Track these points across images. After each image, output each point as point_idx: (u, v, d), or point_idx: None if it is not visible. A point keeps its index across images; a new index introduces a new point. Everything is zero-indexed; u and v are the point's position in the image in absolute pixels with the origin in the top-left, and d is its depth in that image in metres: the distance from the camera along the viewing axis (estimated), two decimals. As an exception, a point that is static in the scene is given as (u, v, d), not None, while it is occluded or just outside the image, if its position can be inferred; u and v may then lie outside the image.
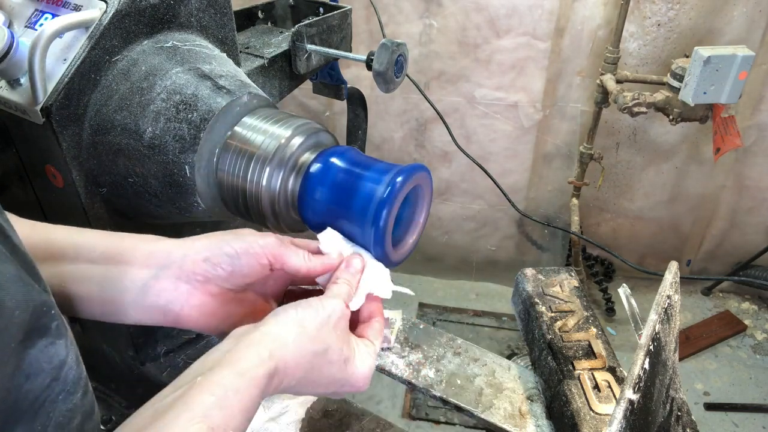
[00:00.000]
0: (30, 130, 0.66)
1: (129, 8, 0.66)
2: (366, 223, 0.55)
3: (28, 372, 0.38)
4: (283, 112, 0.66)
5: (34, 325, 0.38)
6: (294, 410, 0.72)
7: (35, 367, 0.38)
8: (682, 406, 0.69)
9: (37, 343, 0.38)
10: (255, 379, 0.44)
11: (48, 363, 0.39)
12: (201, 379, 0.42)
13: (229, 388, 0.42)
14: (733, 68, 1.60)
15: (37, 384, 0.39)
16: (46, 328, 0.40)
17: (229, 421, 0.42)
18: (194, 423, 0.40)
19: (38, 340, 0.39)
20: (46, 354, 0.39)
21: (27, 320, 0.38)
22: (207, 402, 0.41)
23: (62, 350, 0.41)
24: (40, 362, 0.39)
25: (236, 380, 0.43)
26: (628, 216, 2.43)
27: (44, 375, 0.39)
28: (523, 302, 0.88)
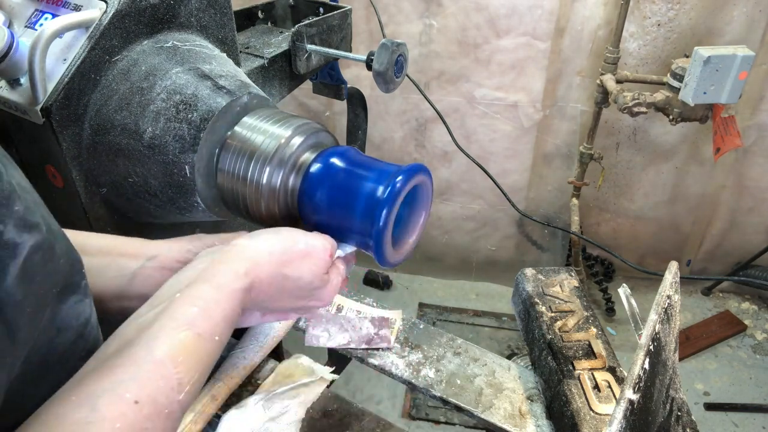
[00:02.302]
0: (30, 130, 0.66)
1: (129, 8, 0.66)
2: (366, 224, 0.55)
3: (59, 326, 0.41)
4: (283, 112, 0.66)
5: (70, 280, 0.41)
6: (294, 410, 0.72)
7: (66, 322, 0.41)
8: (682, 406, 0.69)
9: (69, 299, 0.41)
10: (233, 291, 0.48)
11: (76, 320, 0.42)
12: (180, 295, 0.45)
13: (210, 300, 0.46)
14: (733, 68, 1.60)
15: (66, 339, 0.41)
16: (77, 285, 0.42)
17: (214, 329, 0.45)
18: (181, 330, 0.43)
19: (70, 295, 0.41)
20: (75, 310, 0.42)
21: (68, 271, 0.41)
22: (190, 312, 0.44)
23: (88, 309, 0.44)
24: (70, 318, 0.42)
25: (215, 293, 0.47)
26: (628, 216, 2.43)
27: (72, 331, 0.42)
28: (523, 302, 0.88)
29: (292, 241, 0.54)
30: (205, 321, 0.44)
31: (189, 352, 0.42)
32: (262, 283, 0.51)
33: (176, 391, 0.40)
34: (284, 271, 0.53)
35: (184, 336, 0.42)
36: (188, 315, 0.44)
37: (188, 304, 0.45)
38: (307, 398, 0.74)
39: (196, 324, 0.44)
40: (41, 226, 0.37)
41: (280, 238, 0.54)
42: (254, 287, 0.50)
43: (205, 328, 0.44)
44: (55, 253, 0.39)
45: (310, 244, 0.55)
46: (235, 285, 0.48)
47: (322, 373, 0.77)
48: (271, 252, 0.52)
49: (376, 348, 0.83)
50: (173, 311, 0.44)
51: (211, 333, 0.45)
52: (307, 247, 0.55)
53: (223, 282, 0.48)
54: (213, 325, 0.45)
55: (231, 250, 0.51)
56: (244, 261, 0.50)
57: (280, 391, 0.74)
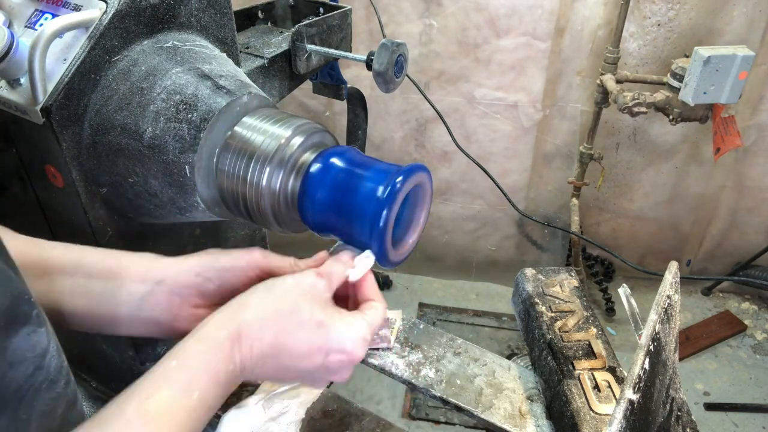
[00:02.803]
0: (30, 130, 0.66)
1: (129, 8, 0.66)
2: (366, 223, 0.55)
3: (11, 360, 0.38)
4: (283, 112, 0.66)
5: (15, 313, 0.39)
6: (294, 410, 0.72)
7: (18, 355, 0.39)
8: (682, 406, 0.69)
9: (19, 331, 0.39)
10: (216, 341, 0.44)
11: (31, 351, 0.40)
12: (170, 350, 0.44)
13: (190, 352, 0.43)
14: (733, 68, 1.60)
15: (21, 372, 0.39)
16: (27, 316, 0.40)
17: (193, 383, 0.42)
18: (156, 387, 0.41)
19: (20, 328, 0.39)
20: (29, 342, 0.40)
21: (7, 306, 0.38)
22: (169, 366, 0.42)
23: (44, 338, 0.41)
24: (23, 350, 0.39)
25: (197, 345, 0.44)
26: (628, 216, 2.43)
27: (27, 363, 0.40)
28: (523, 302, 0.88)
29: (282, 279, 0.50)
30: (182, 374, 0.42)
31: (161, 409, 0.40)
32: (251, 327, 0.46)
33: None
34: (276, 307, 0.48)
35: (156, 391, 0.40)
36: (166, 370, 0.42)
37: (170, 358, 0.43)
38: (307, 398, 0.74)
39: (171, 378, 0.41)
40: None
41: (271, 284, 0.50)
42: (243, 334, 0.45)
43: (180, 382, 0.41)
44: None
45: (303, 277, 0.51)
46: (218, 333, 0.44)
47: (322, 373, 0.77)
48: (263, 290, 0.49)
49: (376, 348, 0.83)
50: (154, 369, 0.42)
51: (188, 387, 0.41)
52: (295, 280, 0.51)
53: (205, 332, 0.45)
54: (190, 378, 0.42)
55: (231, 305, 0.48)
56: (231, 307, 0.47)
57: (280, 391, 0.74)
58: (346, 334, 0.50)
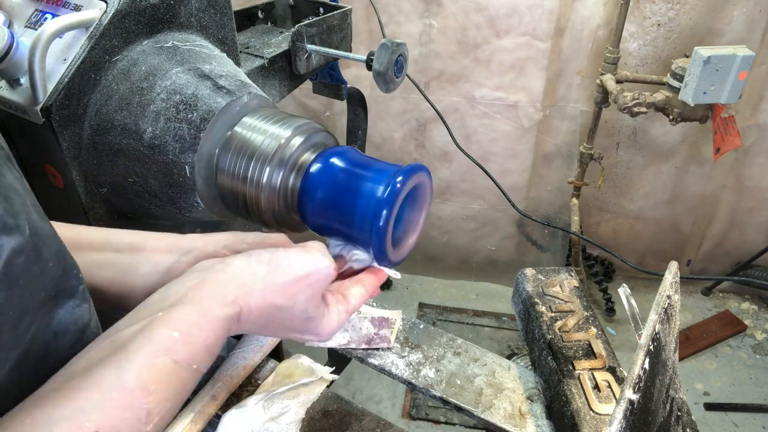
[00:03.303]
0: (30, 130, 0.66)
1: (129, 8, 0.66)
2: (366, 223, 0.55)
3: (56, 330, 0.40)
4: (283, 112, 0.66)
5: (64, 285, 0.40)
6: (294, 410, 0.72)
7: (63, 326, 0.40)
8: (682, 406, 0.69)
9: (66, 304, 0.40)
10: (218, 319, 0.44)
11: (74, 324, 0.41)
12: (162, 315, 0.42)
13: (192, 326, 0.42)
14: (733, 68, 1.60)
15: (64, 343, 0.40)
16: (74, 290, 0.41)
17: (194, 357, 0.42)
18: (158, 356, 0.39)
19: (67, 300, 0.41)
20: (73, 315, 0.41)
21: (59, 276, 0.40)
22: (170, 337, 0.41)
23: (86, 314, 0.43)
24: (68, 323, 0.41)
25: (199, 319, 0.43)
26: (628, 216, 2.43)
27: (70, 336, 0.41)
28: (523, 302, 0.88)
29: (288, 266, 0.50)
30: (185, 348, 0.41)
31: (163, 381, 0.39)
32: (251, 312, 0.47)
33: (143, 423, 0.37)
34: (276, 302, 0.48)
35: (160, 362, 0.39)
36: (167, 340, 0.41)
37: (169, 327, 0.41)
38: (307, 398, 0.74)
39: (174, 350, 0.40)
40: (23, 229, 0.35)
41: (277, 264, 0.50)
42: (242, 317, 0.46)
43: (183, 355, 0.41)
44: (42, 256, 0.37)
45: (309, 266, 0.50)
46: (221, 312, 0.44)
47: (322, 373, 0.77)
48: (265, 278, 0.48)
49: (376, 348, 0.83)
50: (152, 333, 0.40)
51: (190, 361, 0.41)
52: (305, 270, 0.50)
53: (208, 307, 0.44)
54: (193, 353, 0.42)
55: (223, 271, 0.48)
56: (233, 287, 0.46)
57: (280, 391, 0.74)
58: (325, 327, 0.53)
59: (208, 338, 0.43)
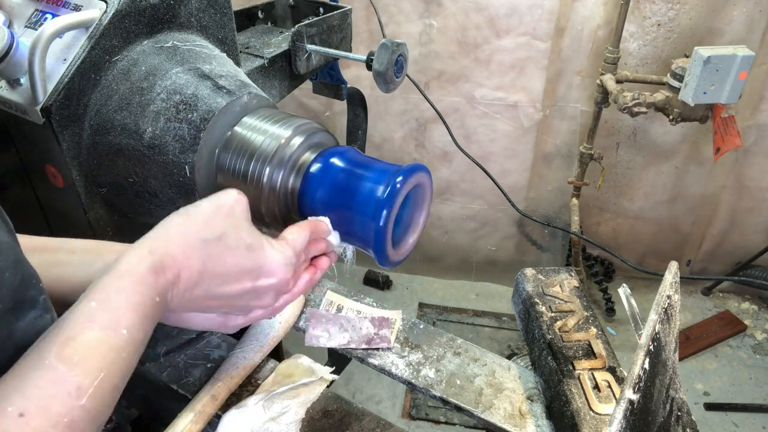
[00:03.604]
0: (30, 130, 0.66)
1: (129, 8, 0.66)
2: (366, 223, 0.55)
3: (18, 344, 0.38)
4: (283, 112, 0.66)
5: (23, 296, 0.39)
6: (294, 410, 0.72)
7: (25, 340, 0.39)
8: (682, 406, 0.69)
9: (27, 315, 0.39)
10: (137, 275, 0.42)
11: (36, 336, 0.39)
12: (83, 294, 0.41)
13: (110, 291, 0.41)
14: (733, 68, 1.60)
15: None
16: (35, 301, 0.40)
17: (119, 320, 0.40)
18: (79, 330, 0.38)
19: (28, 311, 0.40)
20: (35, 327, 0.40)
21: (17, 286, 0.38)
22: (88, 308, 0.40)
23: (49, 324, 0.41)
24: (30, 335, 0.39)
25: (116, 281, 0.42)
26: (628, 216, 2.43)
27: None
28: (523, 302, 0.88)
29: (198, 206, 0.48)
30: (105, 313, 0.40)
31: (86, 351, 0.38)
32: (176, 257, 0.45)
33: (75, 397, 0.36)
34: (200, 235, 0.46)
35: (81, 335, 0.38)
36: (86, 311, 0.39)
37: (87, 300, 0.40)
38: (307, 398, 0.74)
39: (94, 318, 0.39)
40: None
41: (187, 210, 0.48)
42: (166, 265, 0.44)
43: (105, 321, 0.39)
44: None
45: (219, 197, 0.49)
46: (138, 267, 0.43)
47: (322, 373, 0.77)
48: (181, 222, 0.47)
49: (376, 348, 0.83)
50: (72, 311, 0.40)
51: (115, 325, 0.40)
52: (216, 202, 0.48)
53: (125, 268, 0.42)
54: (116, 316, 0.40)
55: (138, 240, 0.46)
56: (149, 239, 0.45)
57: (280, 391, 0.74)
58: (273, 257, 0.50)
59: (131, 298, 0.41)
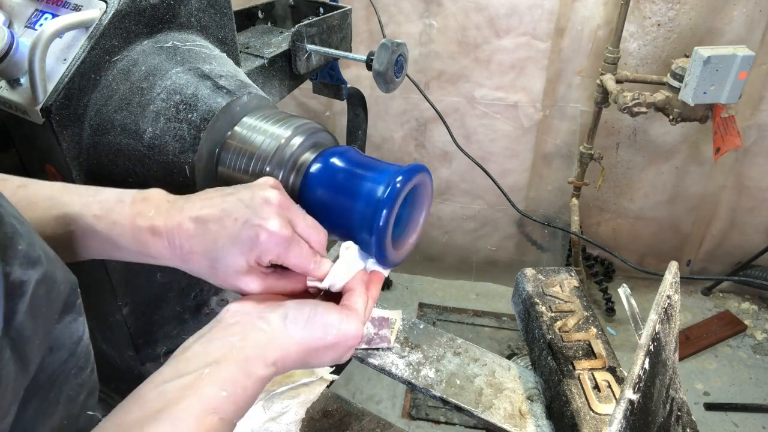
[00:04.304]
0: (30, 130, 0.66)
1: (129, 8, 0.66)
2: (366, 223, 0.55)
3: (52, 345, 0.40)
4: (283, 112, 0.66)
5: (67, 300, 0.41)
6: (294, 410, 0.72)
7: (59, 341, 0.41)
8: (682, 406, 0.69)
9: (64, 319, 0.41)
10: (260, 379, 0.48)
11: (69, 338, 0.42)
12: (209, 372, 0.45)
13: (238, 386, 0.46)
14: (733, 68, 1.60)
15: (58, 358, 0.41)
16: (73, 305, 0.42)
17: (237, 414, 0.46)
18: (208, 415, 0.43)
19: (66, 315, 0.41)
20: (69, 329, 0.42)
21: (66, 295, 0.41)
22: (219, 397, 0.44)
23: (81, 327, 0.43)
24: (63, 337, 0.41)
25: (244, 379, 0.47)
26: (628, 216, 2.43)
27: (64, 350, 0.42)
28: (523, 302, 0.88)
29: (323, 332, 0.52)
30: (231, 407, 0.45)
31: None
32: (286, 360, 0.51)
33: None
34: (307, 360, 0.53)
35: (208, 421, 0.43)
36: (216, 399, 0.44)
37: (217, 387, 0.45)
38: (307, 398, 0.74)
39: (222, 409, 0.44)
40: (42, 259, 0.37)
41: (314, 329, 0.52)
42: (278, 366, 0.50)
43: (229, 413, 0.45)
44: (56, 281, 0.39)
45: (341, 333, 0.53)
46: (263, 373, 0.48)
47: (322, 373, 0.77)
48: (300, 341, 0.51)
49: (376, 348, 0.83)
50: (201, 391, 0.44)
51: (234, 418, 0.45)
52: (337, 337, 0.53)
53: (252, 369, 0.47)
54: (237, 410, 0.46)
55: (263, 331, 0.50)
56: (274, 349, 0.50)
57: (280, 391, 0.74)
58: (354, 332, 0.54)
59: (250, 397, 0.47)
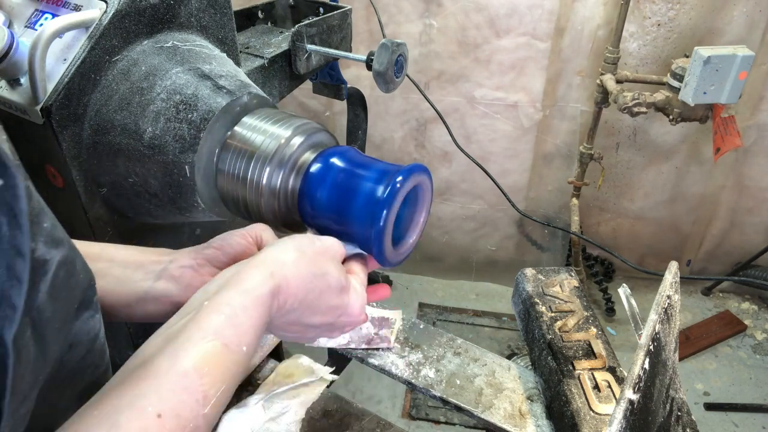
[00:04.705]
0: (30, 130, 0.66)
1: (129, 8, 0.66)
2: (366, 223, 0.55)
3: (72, 341, 0.40)
4: (283, 112, 0.66)
5: (85, 295, 0.41)
6: (294, 410, 0.72)
7: (78, 337, 0.40)
8: (682, 406, 0.69)
9: (83, 314, 0.41)
10: (260, 296, 0.45)
11: (86, 335, 0.41)
12: (207, 303, 0.44)
13: (237, 306, 0.44)
14: (733, 68, 1.60)
15: (76, 354, 0.41)
16: (90, 301, 0.42)
17: (242, 338, 0.43)
18: (208, 341, 0.41)
19: (84, 311, 0.41)
20: (87, 326, 0.41)
21: (85, 288, 0.40)
22: (217, 321, 0.42)
23: (98, 324, 0.43)
24: (82, 333, 0.41)
25: (243, 298, 0.44)
26: (628, 216, 2.43)
27: (82, 347, 0.41)
28: (523, 302, 0.88)
29: (309, 240, 0.53)
30: (233, 329, 0.43)
31: (215, 363, 0.41)
32: (289, 285, 0.48)
33: (201, 405, 0.39)
34: (311, 269, 0.50)
35: (210, 346, 0.41)
36: (215, 323, 0.42)
37: (215, 312, 0.43)
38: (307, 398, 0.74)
39: (222, 333, 0.42)
40: (65, 242, 0.36)
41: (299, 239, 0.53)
42: (281, 290, 0.48)
43: (232, 337, 0.42)
44: (76, 268, 0.38)
45: (326, 240, 0.54)
46: (262, 288, 0.46)
47: (322, 373, 0.77)
48: (295, 251, 0.50)
49: (376, 348, 0.83)
50: (199, 320, 0.42)
51: (239, 342, 0.43)
52: (323, 243, 0.53)
53: (249, 286, 0.45)
54: (241, 333, 0.43)
55: (256, 256, 0.50)
56: (269, 263, 0.48)
57: (280, 391, 0.74)
58: (357, 301, 0.55)
59: (253, 317, 0.44)
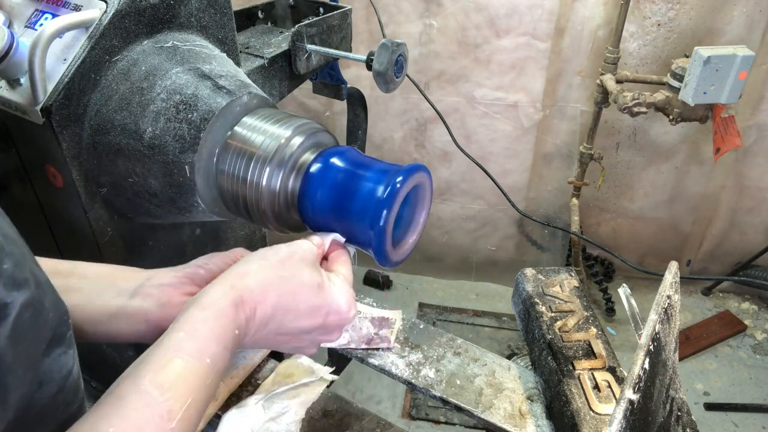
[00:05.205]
0: (30, 130, 0.66)
1: (129, 8, 0.66)
2: (366, 223, 0.55)
3: (41, 379, 0.39)
4: (283, 112, 0.66)
5: (56, 332, 0.40)
6: (294, 410, 0.72)
7: (48, 375, 0.39)
8: (682, 406, 0.69)
9: (53, 351, 0.40)
10: (220, 309, 0.46)
11: (58, 372, 0.40)
12: (172, 324, 0.45)
13: (196, 321, 0.45)
14: (733, 68, 1.60)
15: (47, 392, 0.40)
16: (63, 337, 0.41)
17: (204, 350, 0.44)
18: (169, 358, 0.42)
19: (55, 348, 0.40)
20: (59, 363, 0.40)
21: (55, 325, 0.39)
22: (176, 338, 0.43)
23: (71, 360, 0.42)
24: (53, 371, 0.40)
25: (200, 313, 0.45)
26: (628, 216, 2.43)
27: (53, 384, 0.40)
28: (523, 302, 0.88)
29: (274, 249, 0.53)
30: (192, 342, 0.43)
31: (176, 378, 0.41)
32: (253, 292, 0.48)
33: (166, 420, 0.39)
34: (278, 273, 0.50)
35: (171, 363, 0.41)
36: (174, 340, 0.43)
37: (175, 331, 0.44)
38: (307, 398, 0.74)
39: (183, 348, 0.43)
40: (30, 282, 0.35)
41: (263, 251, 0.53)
42: (245, 300, 0.48)
43: (192, 350, 0.43)
44: (44, 307, 0.37)
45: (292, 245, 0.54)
46: (222, 301, 0.46)
47: (322, 373, 0.77)
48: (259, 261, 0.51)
49: (376, 348, 0.83)
50: (161, 340, 0.43)
51: (200, 355, 0.43)
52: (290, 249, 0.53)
53: (209, 301, 0.46)
54: (200, 345, 0.44)
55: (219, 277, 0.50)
56: (230, 277, 0.49)
57: (280, 391, 0.74)
58: (340, 295, 0.54)
59: (214, 329, 0.45)
